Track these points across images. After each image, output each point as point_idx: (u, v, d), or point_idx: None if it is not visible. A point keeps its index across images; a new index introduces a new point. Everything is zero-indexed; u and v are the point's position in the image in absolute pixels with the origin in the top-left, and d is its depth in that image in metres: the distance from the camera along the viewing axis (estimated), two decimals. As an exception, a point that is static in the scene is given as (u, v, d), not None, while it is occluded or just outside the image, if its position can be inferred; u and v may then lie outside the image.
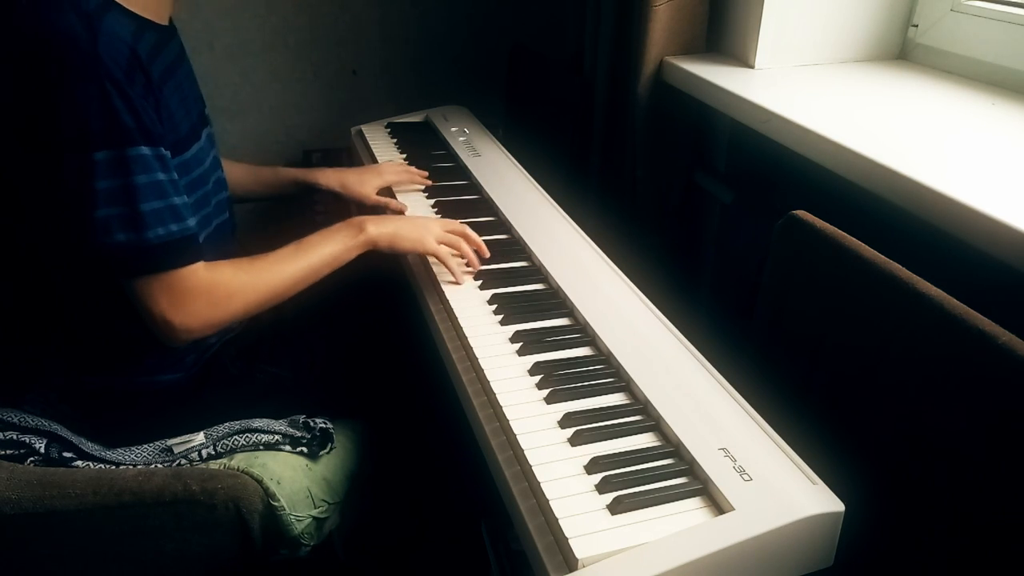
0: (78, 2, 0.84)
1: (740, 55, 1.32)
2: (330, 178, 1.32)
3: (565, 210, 1.23)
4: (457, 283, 1.06)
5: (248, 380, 1.10)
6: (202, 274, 0.93)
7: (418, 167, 1.44)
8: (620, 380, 0.86)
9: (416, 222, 1.10)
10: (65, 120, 0.82)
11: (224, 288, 0.94)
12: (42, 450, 0.93)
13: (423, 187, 1.37)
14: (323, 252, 1.02)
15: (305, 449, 1.02)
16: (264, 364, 1.11)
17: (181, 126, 0.98)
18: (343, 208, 1.41)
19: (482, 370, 0.88)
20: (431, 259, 1.11)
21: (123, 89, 0.83)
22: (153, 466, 0.97)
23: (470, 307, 1.00)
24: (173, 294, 0.90)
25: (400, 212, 1.27)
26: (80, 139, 0.83)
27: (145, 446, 0.99)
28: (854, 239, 0.86)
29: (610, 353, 0.89)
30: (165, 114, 0.92)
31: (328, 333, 1.19)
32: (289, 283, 1.00)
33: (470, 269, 1.08)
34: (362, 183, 1.32)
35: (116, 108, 0.83)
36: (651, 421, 0.80)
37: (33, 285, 1.02)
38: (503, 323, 0.96)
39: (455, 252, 1.09)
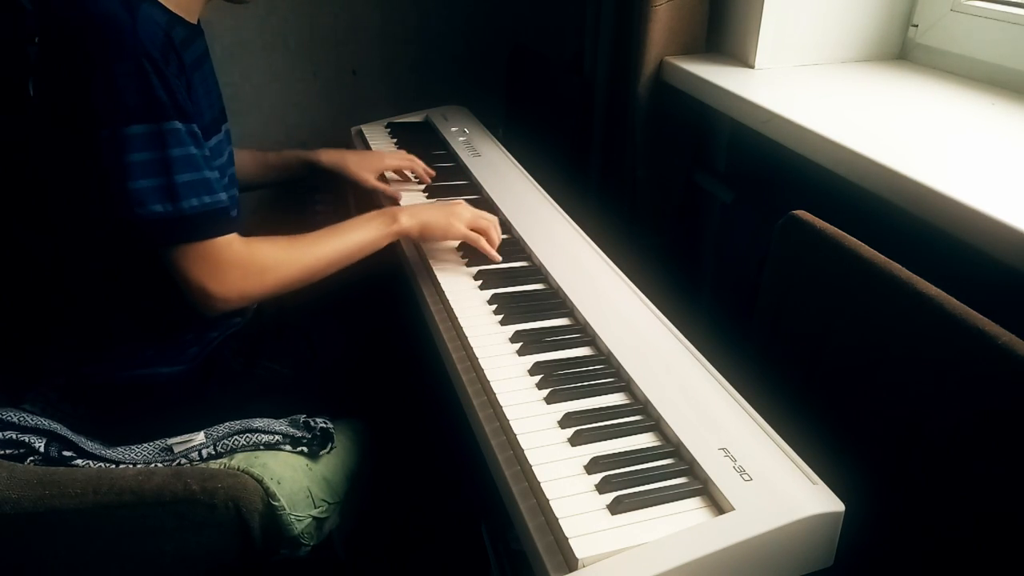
0: None
1: (740, 55, 1.32)
2: (332, 157, 1.35)
3: (565, 210, 1.23)
4: (494, 261, 1.10)
5: (249, 376, 1.10)
6: (238, 247, 0.96)
7: (418, 167, 1.44)
8: (620, 380, 0.86)
9: (444, 210, 1.12)
10: (103, 95, 0.85)
11: (260, 262, 0.97)
12: (42, 449, 0.93)
13: (423, 186, 1.38)
14: (357, 238, 1.05)
15: (305, 449, 1.02)
16: (265, 360, 1.12)
17: (205, 115, 1.01)
18: (342, 204, 1.41)
19: (482, 370, 0.88)
20: (431, 259, 1.11)
21: (159, 67, 0.87)
22: (153, 465, 0.96)
23: (470, 307, 1.00)
24: (209, 263, 0.93)
25: (395, 199, 1.31)
26: (117, 113, 0.86)
27: (145, 445, 0.99)
28: (854, 239, 0.86)
29: (610, 353, 0.89)
30: (194, 98, 0.95)
31: (329, 331, 1.19)
32: (322, 264, 1.03)
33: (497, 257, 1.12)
34: (361, 167, 1.35)
35: (152, 84, 0.86)
36: (651, 421, 0.80)
37: (33, 283, 1.02)
38: (503, 323, 0.96)
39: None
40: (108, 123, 0.86)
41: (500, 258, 1.11)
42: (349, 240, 1.05)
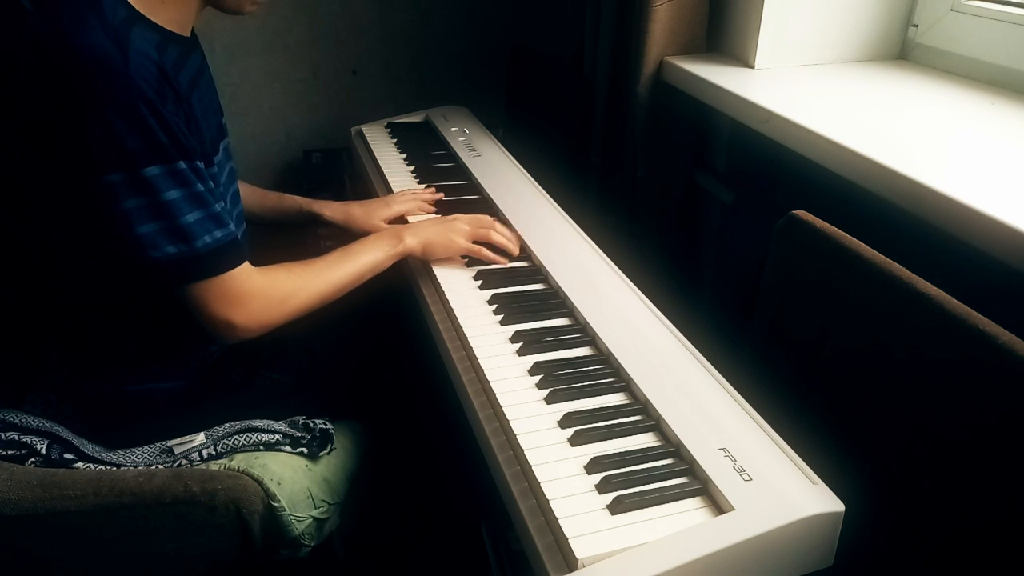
0: (104, 16, 0.84)
1: (740, 55, 1.32)
2: (335, 211, 1.31)
3: (565, 210, 1.23)
4: (501, 264, 1.11)
5: (249, 387, 1.10)
6: (256, 277, 0.96)
7: (418, 167, 1.44)
8: (620, 380, 0.86)
9: (445, 226, 1.13)
10: (101, 141, 0.82)
11: (279, 291, 0.98)
12: (43, 451, 0.93)
13: (423, 185, 1.37)
14: (366, 259, 1.07)
15: (305, 450, 1.02)
16: (265, 370, 1.12)
17: (205, 137, 0.98)
18: (348, 233, 1.39)
19: (482, 370, 0.88)
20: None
21: (155, 108, 0.83)
22: (154, 467, 0.97)
23: (470, 307, 1.00)
24: (230, 296, 0.93)
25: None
26: (118, 159, 0.83)
27: (146, 447, 0.99)
28: (854, 239, 0.86)
29: (610, 353, 0.89)
30: (194, 127, 0.93)
31: (328, 335, 1.19)
32: (336, 287, 1.03)
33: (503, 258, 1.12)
34: (368, 216, 1.29)
35: (151, 127, 0.83)
36: (651, 421, 0.80)
37: (38, 291, 1.02)
38: (503, 323, 0.96)
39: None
40: (110, 170, 0.83)
41: (507, 261, 1.11)
42: (358, 263, 1.06)
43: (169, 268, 0.89)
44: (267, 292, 0.96)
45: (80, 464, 0.94)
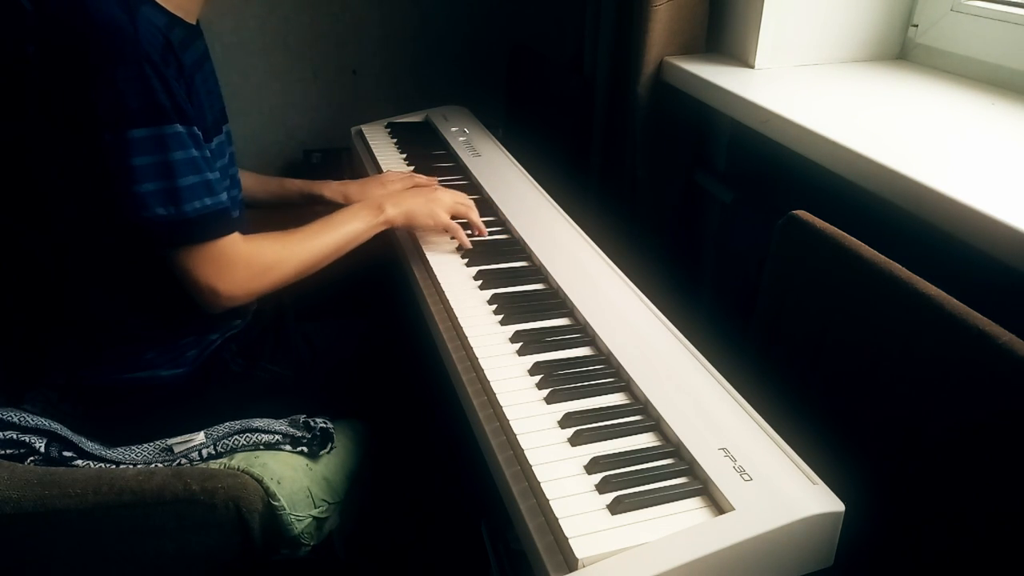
0: None
1: (740, 55, 1.32)
2: (335, 191, 1.33)
3: (565, 210, 1.23)
4: (466, 247, 1.13)
5: (249, 378, 1.10)
6: (242, 246, 0.98)
7: (418, 167, 1.44)
8: (620, 380, 0.86)
9: (427, 197, 1.16)
10: (105, 99, 0.86)
11: (263, 260, 1.00)
12: (42, 449, 0.93)
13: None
14: (348, 230, 1.09)
15: (305, 449, 1.02)
16: (265, 362, 1.12)
17: (207, 116, 1.01)
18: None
19: (482, 370, 0.88)
20: (431, 259, 1.11)
21: (159, 70, 0.87)
22: (153, 465, 0.97)
23: (470, 307, 1.00)
24: (216, 263, 0.95)
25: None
26: (120, 117, 0.86)
27: (145, 445, 0.99)
28: (854, 239, 0.86)
29: (610, 353, 0.89)
30: (195, 101, 0.96)
31: (329, 332, 1.19)
32: (319, 257, 1.05)
33: (477, 237, 1.16)
34: (363, 193, 1.31)
35: (153, 88, 0.87)
36: (651, 421, 0.80)
37: (35, 283, 1.02)
38: (503, 323, 0.96)
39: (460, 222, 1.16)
40: (111, 127, 0.86)
41: (470, 245, 1.13)
42: (340, 233, 1.07)
43: (158, 230, 0.91)
44: (252, 261, 0.98)
45: (80, 462, 0.94)
